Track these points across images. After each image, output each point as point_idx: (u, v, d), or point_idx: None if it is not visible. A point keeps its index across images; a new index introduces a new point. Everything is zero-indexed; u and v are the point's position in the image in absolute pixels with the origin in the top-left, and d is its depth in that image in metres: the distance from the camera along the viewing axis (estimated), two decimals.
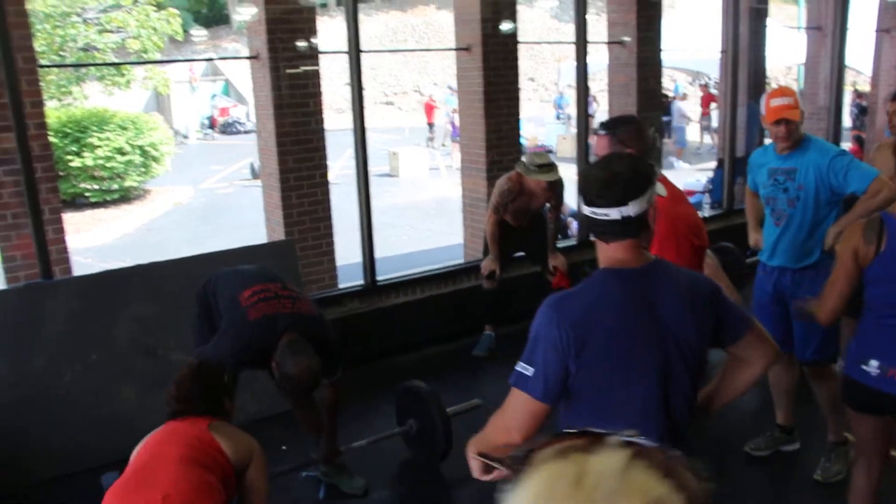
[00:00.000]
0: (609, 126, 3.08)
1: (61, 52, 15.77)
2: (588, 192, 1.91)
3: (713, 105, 18.34)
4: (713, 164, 10.91)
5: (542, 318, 1.91)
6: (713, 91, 18.84)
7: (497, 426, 1.95)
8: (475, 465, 1.91)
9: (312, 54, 5.44)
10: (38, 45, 14.64)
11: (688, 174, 12.95)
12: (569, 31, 7.44)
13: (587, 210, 1.91)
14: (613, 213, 1.86)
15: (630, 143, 2.94)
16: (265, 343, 3.35)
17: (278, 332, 3.36)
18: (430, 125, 21.68)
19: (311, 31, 5.43)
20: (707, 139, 19.24)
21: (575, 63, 6.89)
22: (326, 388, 3.68)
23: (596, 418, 1.85)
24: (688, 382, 1.96)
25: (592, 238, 1.99)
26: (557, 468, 0.68)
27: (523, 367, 1.87)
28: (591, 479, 0.65)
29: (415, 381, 4.31)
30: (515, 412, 1.90)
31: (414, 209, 13.32)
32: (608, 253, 1.94)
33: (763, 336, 2.08)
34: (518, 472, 0.71)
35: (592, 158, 5.38)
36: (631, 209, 1.86)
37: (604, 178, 1.89)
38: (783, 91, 3.79)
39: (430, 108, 22.04)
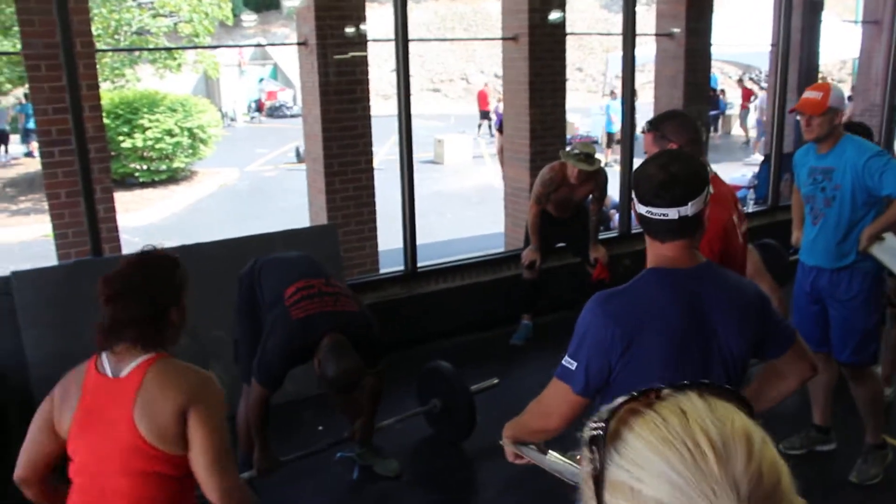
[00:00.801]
0: (653, 123, 3.03)
1: (116, 36, 16.09)
2: (645, 192, 1.89)
3: (752, 98, 18.24)
4: (750, 158, 10.74)
5: (589, 314, 1.91)
6: (748, 85, 18.70)
7: (535, 412, 2.00)
8: (509, 451, 1.98)
9: (360, 41, 5.49)
10: (95, 28, 14.94)
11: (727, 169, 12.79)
12: (618, 21, 7.38)
13: (642, 209, 1.90)
14: (672, 213, 1.86)
15: (673, 137, 2.89)
16: (308, 342, 3.39)
17: (321, 332, 3.38)
18: (484, 112, 21.56)
19: (359, 18, 5.48)
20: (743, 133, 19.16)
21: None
22: (369, 377, 3.72)
23: None
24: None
25: (646, 235, 1.98)
26: (650, 418, 0.73)
27: (568, 362, 1.89)
28: (692, 414, 0.72)
29: (438, 361, 4.38)
30: (555, 400, 1.94)
31: (457, 196, 13.35)
32: (661, 252, 1.93)
33: (804, 352, 2.07)
34: (603, 445, 0.74)
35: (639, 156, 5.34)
36: (689, 209, 1.86)
37: (661, 178, 1.87)
38: (818, 86, 3.74)
39: (483, 97, 21.97)
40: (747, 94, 19.13)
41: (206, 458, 1.95)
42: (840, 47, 13.08)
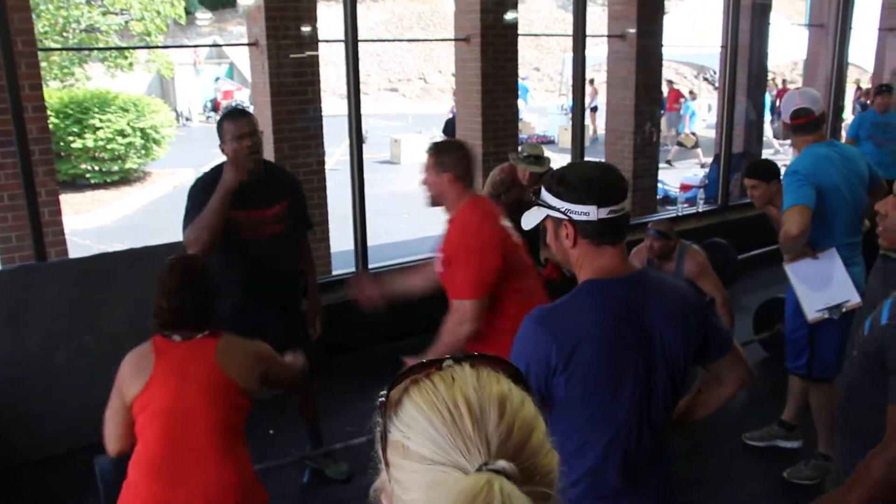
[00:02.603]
0: (435, 148, 3.14)
1: (64, 33, 15.76)
2: (593, 190, 1.84)
3: (682, 101, 18.43)
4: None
5: (527, 332, 1.88)
6: (676, 87, 19.07)
7: None
8: None
9: (311, 42, 5.46)
10: (41, 25, 14.65)
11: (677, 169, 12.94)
12: None
13: (590, 210, 1.83)
14: (625, 208, 1.87)
15: (450, 167, 3.03)
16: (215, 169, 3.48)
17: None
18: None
19: (310, 18, 5.45)
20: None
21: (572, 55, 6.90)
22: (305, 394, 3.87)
23: (580, 425, 1.87)
24: (669, 393, 1.95)
25: (582, 246, 1.89)
26: (425, 385, 0.84)
27: None
28: (458, 382, 0.83)
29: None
30: None
31: (413, 197, 13.27)
32: (596, 262, 1.89)
33: (740, 357, 2.08)
34: (387, 409, 0.86)
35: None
36: (628, 205, 1.88)
37: (606, 176, 1.88)
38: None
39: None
40: (675, 96, 19.20)
41: (290, 377, 2.91)
42: (791, 49, 13.36)
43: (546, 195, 1.91)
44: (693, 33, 13.62)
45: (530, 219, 1.97)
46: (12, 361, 4.24)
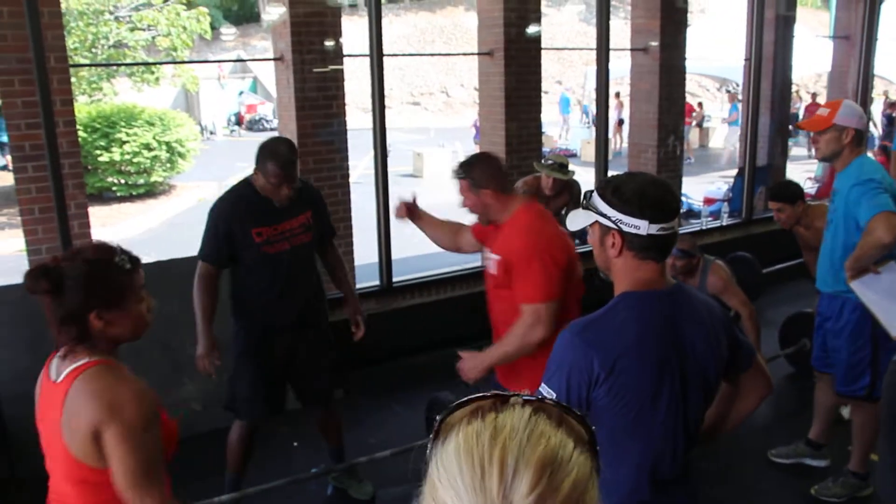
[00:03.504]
0: (463, 170, 3.08)
1: (93, 49, 16.00)
2: (647, 206, 1.83)
3: (692, 114, 18.34)
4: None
5: (565, 343, 1.87)
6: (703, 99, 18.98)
7: None
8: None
9: (336, 56, 5.50)
10: (71, 42, 14.87)
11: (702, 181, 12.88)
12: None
13: (641, 225, 1.83)
14: (675, 226, 1.87)
15: (485, 183, 2.98)
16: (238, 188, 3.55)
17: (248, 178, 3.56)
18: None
19: (335, 33, 5.49)
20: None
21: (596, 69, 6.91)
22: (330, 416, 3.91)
23: (615, 437, 1.87)
24: (701, 408, 1.96)
25: (616, 257, 1.90)
26: (474, 426, 0.81)
27: (547, 391, 1.84)
28: (503, 433, 0.78)
29: (445, 392, 4.24)
30: None
31: (436, 210, 13.29)
32: (637, 274, 1.89)
33: (762, 369, 2.08)
34: (438, 435, 0.83)
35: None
36: (678, 223, 1.88)
37: (661, 194, 1.86)
38: (830, 103, 3.64)
39: None
40: (688, 110, 19.11)
41: (125, 479, 1.78)
42: (815, 61, 13.29)
43: (598, 201, 1.89)
44: (716, 46, 13.60)
45: (578, 221, 1.97)
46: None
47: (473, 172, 3.02)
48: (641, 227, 1.83)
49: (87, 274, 1.87)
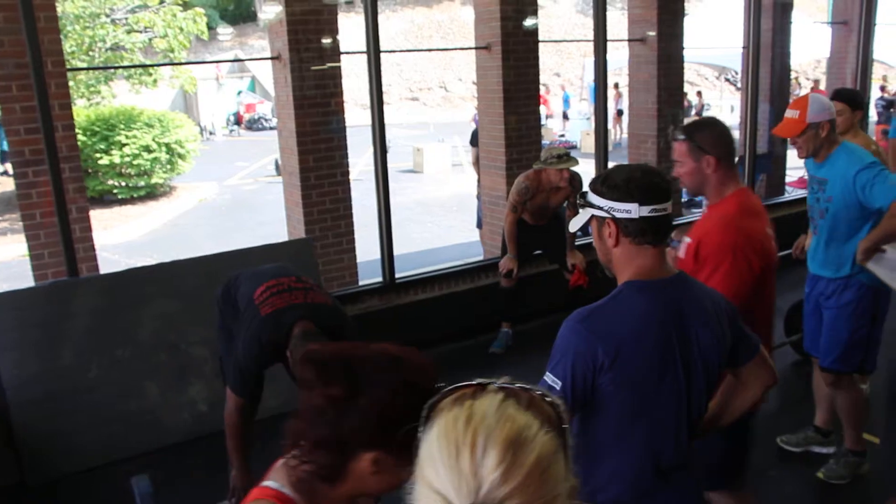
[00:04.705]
0: (686, 131, 2.71)
1: (90, 52, 15.99)
2: (634, 188, 1.86)
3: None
4: None
5: (569, 332, 1.87)
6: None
7: None
8: None
9: (333, 54, 5.50)
10: (68, 45, 14.86)
11: None
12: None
13: (631, 208, 1.86)
14: (668, 208, 1.87)
15: (709, 149, 2.62)
16: (279, 336, 3.13)
17: (290, 323, 3.11)
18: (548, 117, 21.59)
19: (332, 30, 5.49)
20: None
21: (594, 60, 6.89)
22: None
23: (619, 425, 1.89)
24: (704, 396, 1.97)
25: (615, 246, 1.93)
26: (453, 412, 0.91)
27: (552, 380, 1.84)
28: (476, 417, 0.88)
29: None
30: None
31: (436, 205, 13.37)
32: (637, 262, 1.91)
33: (766, 360, 2.09)
34: (427, 420, 0.94)
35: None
36: (671, 206, 1.89)
37: (647, 177, 1.89)
38: (796, 103, 3.57)
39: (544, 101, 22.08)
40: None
41: None
42: (814, 47, 13.25)
43: (591, 196, 1.95)
44: (714, 34, 13.56)
45: (578, 221, 2.03)
46: (47, 376, 4.31)
47: (698, 135, 2.65)
48: (633, 210, 1.87)
49: (401, 393, 1.28)
